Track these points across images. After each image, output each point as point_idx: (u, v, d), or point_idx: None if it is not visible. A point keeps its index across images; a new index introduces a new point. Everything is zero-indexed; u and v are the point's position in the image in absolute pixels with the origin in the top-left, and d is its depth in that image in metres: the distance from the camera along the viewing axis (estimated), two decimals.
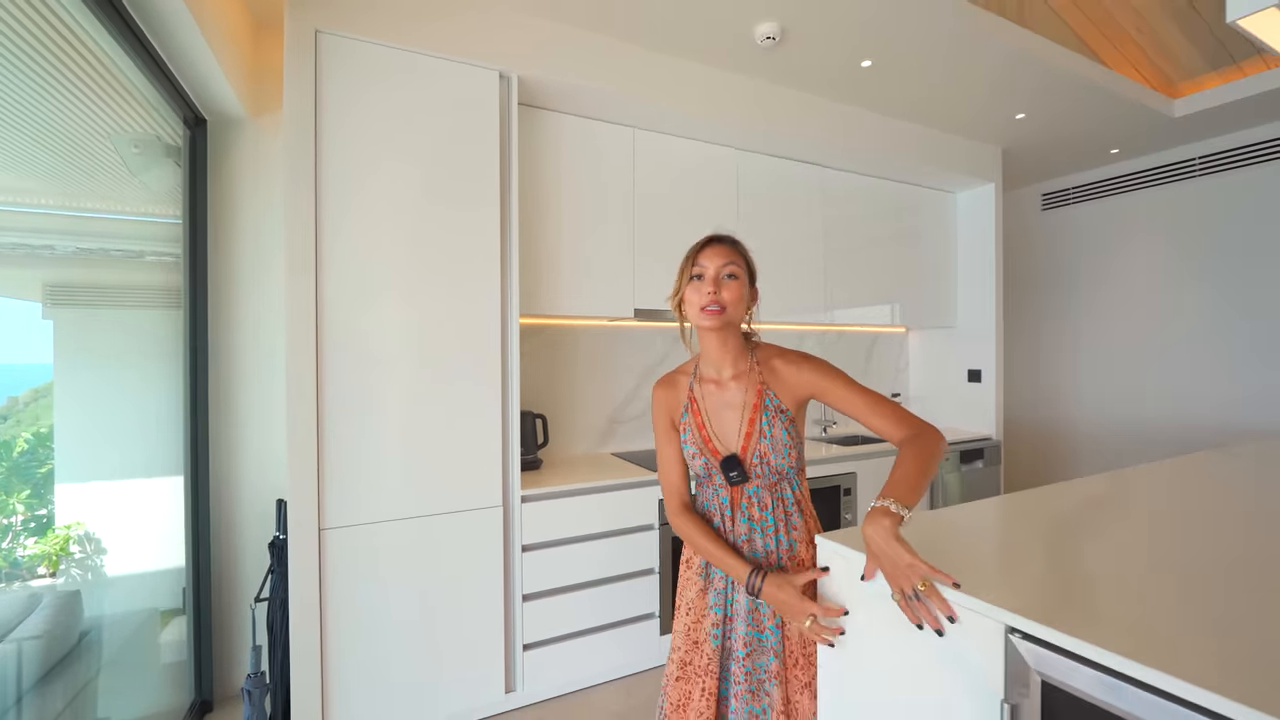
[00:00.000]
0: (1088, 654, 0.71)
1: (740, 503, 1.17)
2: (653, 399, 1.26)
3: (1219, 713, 0.61)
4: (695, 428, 1.19)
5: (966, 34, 2.29)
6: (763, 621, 1.16)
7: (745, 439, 1.16)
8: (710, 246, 1.16)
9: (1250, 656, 0.68)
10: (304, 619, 1.77)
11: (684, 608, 1.23)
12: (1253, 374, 3.41)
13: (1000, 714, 0.78)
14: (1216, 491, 1.53)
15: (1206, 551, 1.06)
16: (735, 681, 1.15)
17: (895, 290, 3.36)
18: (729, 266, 1.14)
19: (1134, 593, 0.87)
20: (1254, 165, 3.39)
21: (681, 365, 1.29)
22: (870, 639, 1.00)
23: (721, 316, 1.12)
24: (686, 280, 1.15)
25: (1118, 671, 0.69)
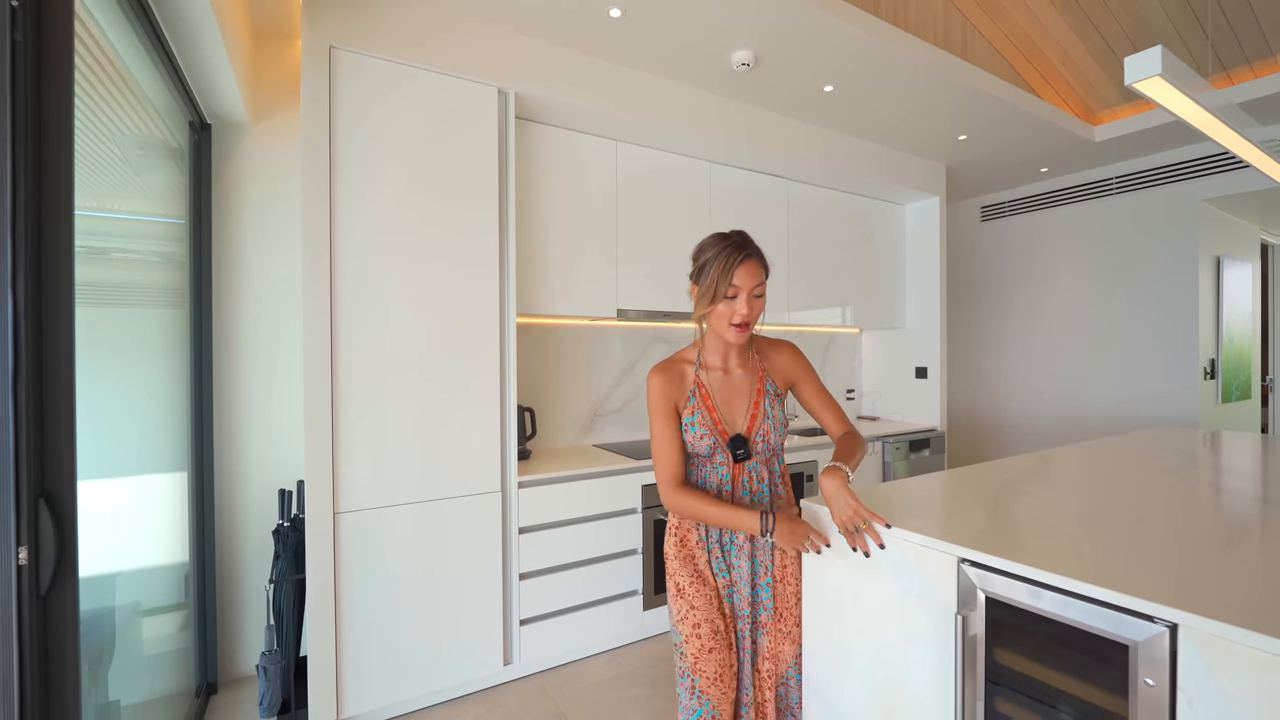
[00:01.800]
0: (1018, 571, 0.95)
1: (741, 477, 1.29)
2: (652, 384, 1.29)
3: (1099, 599, 0.85)
4: (705, 411, 1.27)
5: (916, 67, 2.58)
6: (756, 578, 1.29)
7: (751, 420, 1.29)
8: (745, 265, 1.20)
9: (1123, 566, 0.93)
10: (320, 596, 1.88)
11: (692, 581, 1.27)
12: (1156, 373, 3.89)
13: (954, 625, 1.01)
14: (1116, 465, 1.84)
15: (1102, 504, 1.34)
16: (742, 648, 1.28)
17: (850, 293, 3.66)
18: (759, 287, 1.22)
19: (1050, 532, 1.12)
20: (1161, 186, 3.86)
21: (680, 353, 1.36)
22: (850, 578, 1.23)
23: (749, 331, 1.24)
24: (721, 297, 1.20)
25: (1038, 581, 0.93)
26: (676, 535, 1.31)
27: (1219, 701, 0.74)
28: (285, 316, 2.36)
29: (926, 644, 1.07)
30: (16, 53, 0.89)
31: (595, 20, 2.19)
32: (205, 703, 2.15)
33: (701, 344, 1.33)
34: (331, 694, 1.90)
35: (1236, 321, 4.11)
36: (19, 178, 0.89)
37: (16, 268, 0.89)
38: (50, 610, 0.95)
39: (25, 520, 0.90)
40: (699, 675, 1.23)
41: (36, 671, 0.92)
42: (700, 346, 1.33)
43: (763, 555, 1.31)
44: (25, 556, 0.90)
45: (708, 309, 1.22)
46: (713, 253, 1.22)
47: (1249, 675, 0.72)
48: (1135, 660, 0.80)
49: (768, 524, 1.19)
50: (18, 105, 0.89)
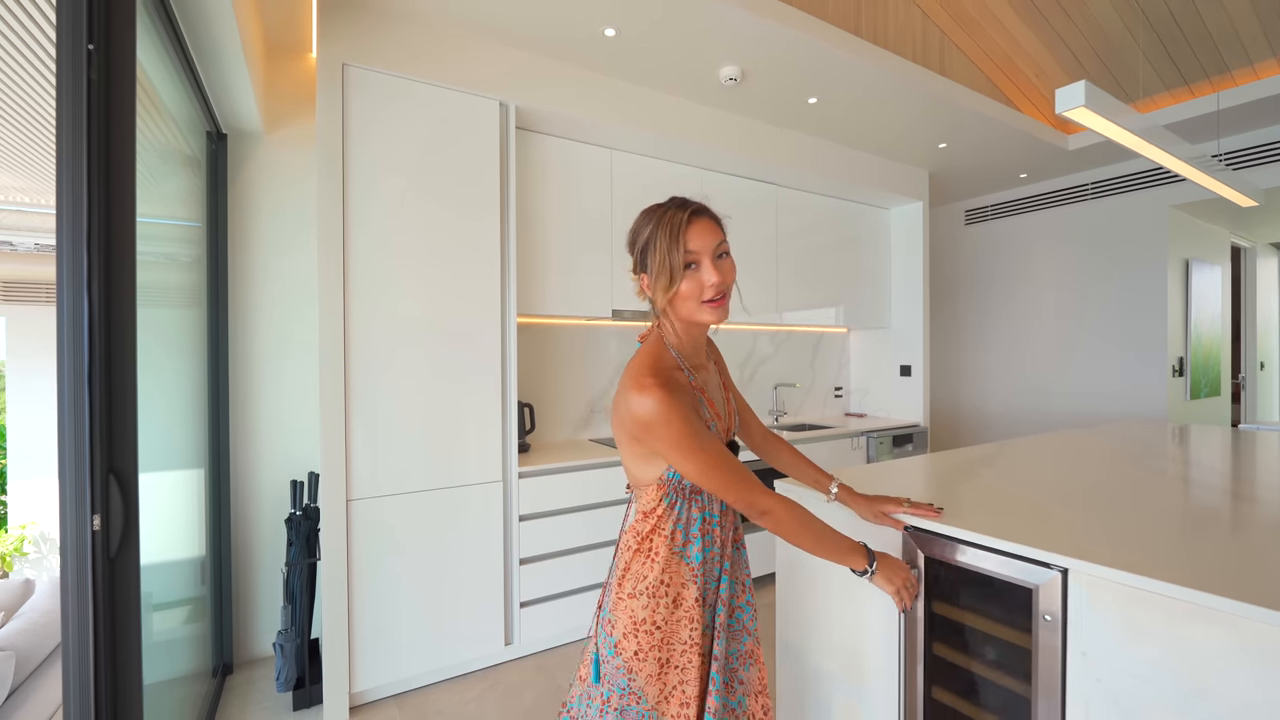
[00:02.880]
0: (949, 532, 1.11)
1: None
2: (670, 401, 0.93)
3: (1010, 551, 1.00)
4: (715, 419, 1.05)
5: (893, 82, 2.74)
6: (734, 602, 1.08)
7: (729, 419, 1.13)
8: (696, 222, 0.97)
9: (1035, 527, 1.09)
10: (334, 579, 2.02)
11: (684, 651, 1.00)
12: (1127, 370, 4.06)
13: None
14: (1060, 451, 2.00)
15: (1036, 482, 1.50)
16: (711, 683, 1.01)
17: (837, 294, 3.82)
18: (722, 244, 0.98)
19: (985, 504, 1.28)
20: (1133, 192, 4.04)
21: (654, 360, 1.02)
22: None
23: (726, 305, 0.99)
24: (681, 271, 0.96)
25: (963, 539, 1.09)
26: (669, 595, 1.00)
27: (1096, 628, 0.90)
28: (296, 315, 2.50)
29: (878, 601, 1.23)
30: (91, 91, 1.03)
31: (591, 38, 2.34)
32: (222, 682, 2.29)
33: (670, 343, 1.06)
34: (344, 670, 2.04)
35: (1205, 321, 4.29)
36: (93, 197, 1.04)
37: (91, 274, 1.04)
38: (117, 570, 1.09)
39: (98, 493, 1.04)
40: None
41: (107, 620, 1.06)
42: (677, 346, 1.06)
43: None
44: (99, 523, 1.04)
45: (670, 293, 0.96)
46: (651, 225, 0.98)
47: (1118, 606, 0.88)
48: (1037, 600, 0.96)
49: (871, 560, 1.02)
50: (92, 134, 1.03)
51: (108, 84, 1.07)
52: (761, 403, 3.78)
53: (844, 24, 2.61)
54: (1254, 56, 3.03)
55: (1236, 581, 0.84)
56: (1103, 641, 0.90)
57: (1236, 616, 0.78)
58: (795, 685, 1.45)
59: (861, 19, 2.70)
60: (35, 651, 2.02)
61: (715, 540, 1.05)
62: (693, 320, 1.01)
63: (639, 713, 0.98)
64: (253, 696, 2.19)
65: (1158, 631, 0.85)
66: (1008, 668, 1.06)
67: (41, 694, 1.96)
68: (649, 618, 0.99)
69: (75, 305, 1.03)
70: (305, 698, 2.11)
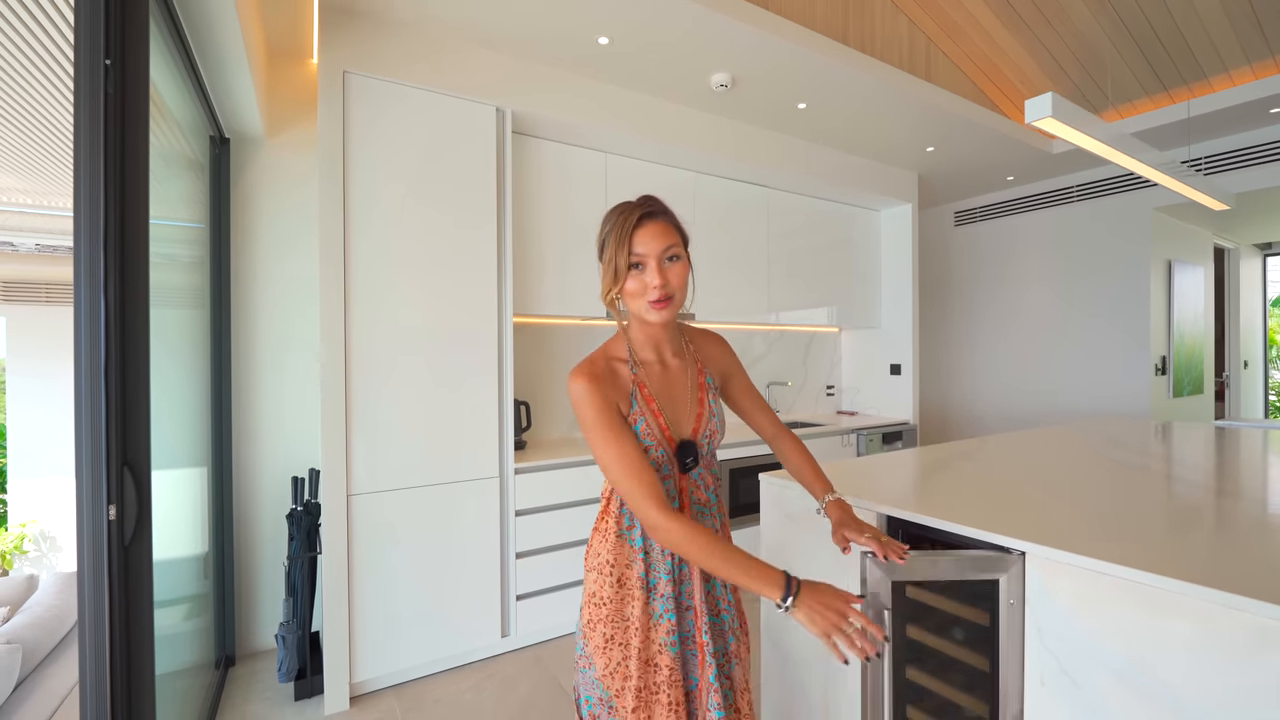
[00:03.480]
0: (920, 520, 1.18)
1: (688, 489, 1.09)
2: (588, 392, 0.99)
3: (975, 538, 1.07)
4: (649, 415, 1.05)
5: (881, 87, 2.81)
6: (718, 604, 1.10)
7: (697, 420, 1.10)
8: (646, 226, 0.99)
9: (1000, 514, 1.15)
10: (335, 572, 2.08)
11: (625, 629, 1.04)
12: (1111, 369, 4.15)
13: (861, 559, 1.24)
14: (1040, 447, 2.08)
15: (1008, 474, 1.57)
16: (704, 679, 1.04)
17: (829, 295, 3.90)
18: (671, 248, 1.00)
19: (957, 493, 1.35)
20: (1117, 194, 4.12)
21: (607, 348, 1.10)
22: (798, 536, 1.44)
23: (671, 307, 1.00)
24: (625, 271, 0.99)
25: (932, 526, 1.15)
26: (613, 574, 1.05)
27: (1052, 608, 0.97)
28: (296, 316, 2.55)
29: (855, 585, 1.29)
30: (109, 103, 1.09)
31: (585, 46, 2.40)
32: (224, 674, 2.34)
33: (628, 336, 1.11)
34: (345, 661, 2.09)
35: (1188, 321, 4.38)
36: (110, 203, 1.09)
37: (108, 275, 1.09)
38: (131, 558, 1.15)
39: (114, 484, 1.10)
40: None
41: (121, 605, 1.12)
42: (627, 340, 1.10)
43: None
44: (114, 513, 1.10)
45: (615, 290, 1.01)
46: (608, 223, 1.03)
47: (1068, 585, 0.95)
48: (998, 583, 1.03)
49: (792, 590, 0.87)
50: (109, 144, 1.09)
51: (123, 96, 1.13)
52: None
53: (832, 32, 2.69)
54: (1229, 64, 3.12)
55: (1173, 561, 0.91)
56: (1055, 618, 0.97)
57: (1169, 592, 0.85)
58: (777, 670, 1.51)
59: (849, 27, 2.78)
60: (41, 644, 2.07)
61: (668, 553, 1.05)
62: (639, 318, 1.05)
63: (590, 680, 1.05)
64: (255, 687, 2.25)
65: (1102, 608, 0.92)
66: (973, 646, 1.12)
67: (48, 685, 2.01)
68: (598, 592, 1.06)
69: (93, 305, 1.09)
70: (306, 688, 2.17)
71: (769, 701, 1.55)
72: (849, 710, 1.32)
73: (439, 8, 2.14)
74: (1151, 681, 0.87)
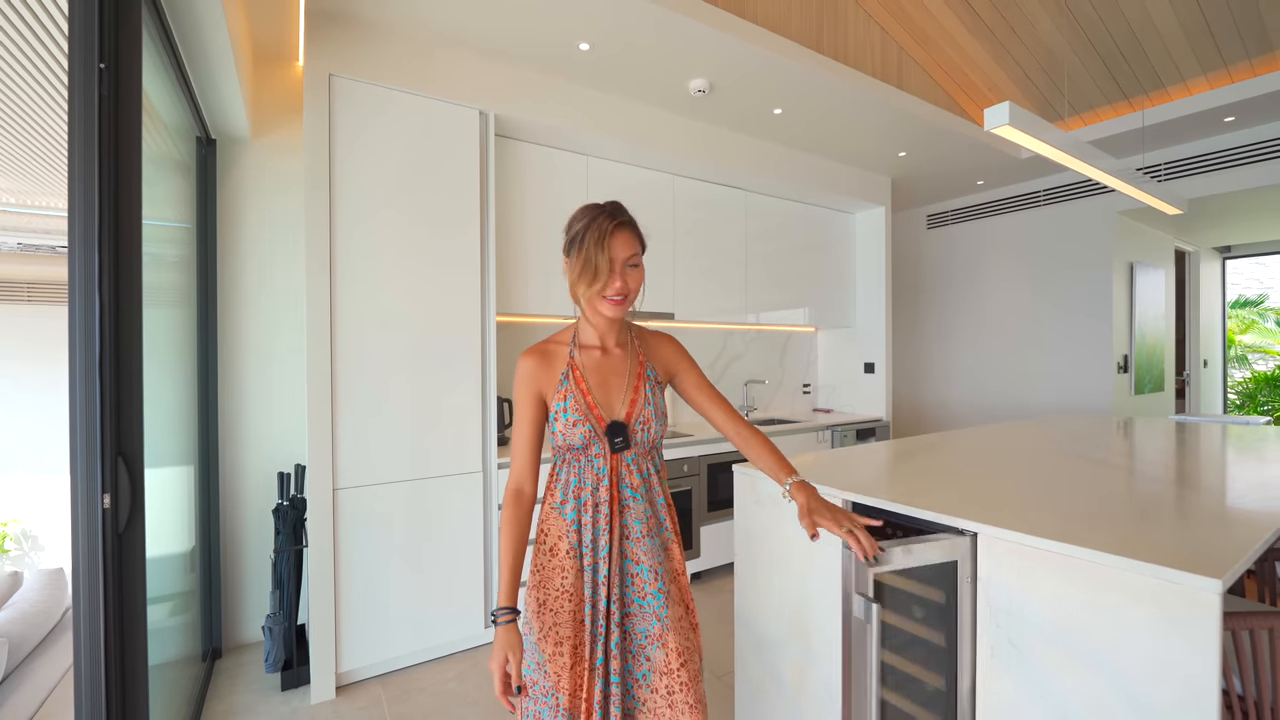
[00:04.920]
0: (882, 505, 1.26)
1: (620, 470, 1.17)
2: (519, 368, 1.17)
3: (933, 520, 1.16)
4: (578, 394, 1.16)
5: (854, 94, 2.92)
6: (645, 587, 1.15)
7: (630, 405, 1.17)
8: (619, 234, 1.13)
9: (955, 499, 1.24)
10: (321, 564, 2.12)
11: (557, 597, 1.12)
12: (1076, 367, 4.31)
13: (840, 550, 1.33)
14: (1000, 440, 2.19)
15: (967, 464, 1.67)
16: (610, 656, 1.12)
17: (805, 295, 4.00)
18: (633, 257, 1.15)
19: (918, 481, 1.44)
20: (1082, 199, 4.28)
21: (554, 335, 1.26)
22: (771, 525, 1.53)
23: (625, 306, 1.15)
24: (602, 272, 1.12)
25: (894, 511, 1.24)
26: (546, 544, 1.16)
27: (1001, 584, 1.06)
28: (282, 315, 2.58)
29: (823, 570, 1.38)
30: (103, 106, 1.13)
31: (567, 52, 2.46)
32: (211, 666, 2.36)
33: (576, 325, 1.25)
34: (331, 651, 2.14)
35: (1149, 321, 4.56)
36: (104, 203, 1.14)
37: (102, 272, 1.14)
38: (125, 546, 1.19)
39: (108, 474, 1.15)
40: (563, 693, 1.10)
41: (116, 592, 1.16)
42: (575, 328, 1.25)
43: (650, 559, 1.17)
44: (109, 502, 1.14)
45: (592, 288, 1.13)
46: (584, 223, 1.15)
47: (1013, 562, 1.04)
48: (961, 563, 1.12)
49: (496, 617, 1.08)
50: (103, 147, 1.13)
51: (116, 99, 1.17)
52: (732, 399, 3.94)
53: (807, 40, 2.78)
54: (1185, 74, 3.28)
55: (1106, 538, 1.00)
56: (1004, 592, 1.06)
57: (1101, 565, 0.94)
58: (749, 652, 1.59)
59: (823, 35, 2.87)
60: (27, 639, 2.08)
61: (588, 506, 1.14)
62: (594, 308, 1.18)
63: (530, 643, 1.14)
64: (242, 678, 2.28)
65: (1042, 581, 1.01)
66: (933, 623, 1.21)
67: (33, 680, 2.03)
68: (535, 560, 1.17)
69: (87, 300, 1.13)
70: (293, 678, 2.21)
71: (742, 681, 1.63)
72: (820, 688, 1.41)
73: (424, 13, 2.19)
74: (1087, 649, 0.96)
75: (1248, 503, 1.26)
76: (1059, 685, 0.98)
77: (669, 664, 1.14)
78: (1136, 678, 0.90)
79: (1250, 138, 3.59)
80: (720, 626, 2.65)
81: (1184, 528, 1.08)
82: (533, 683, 1.13)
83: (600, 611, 1.13)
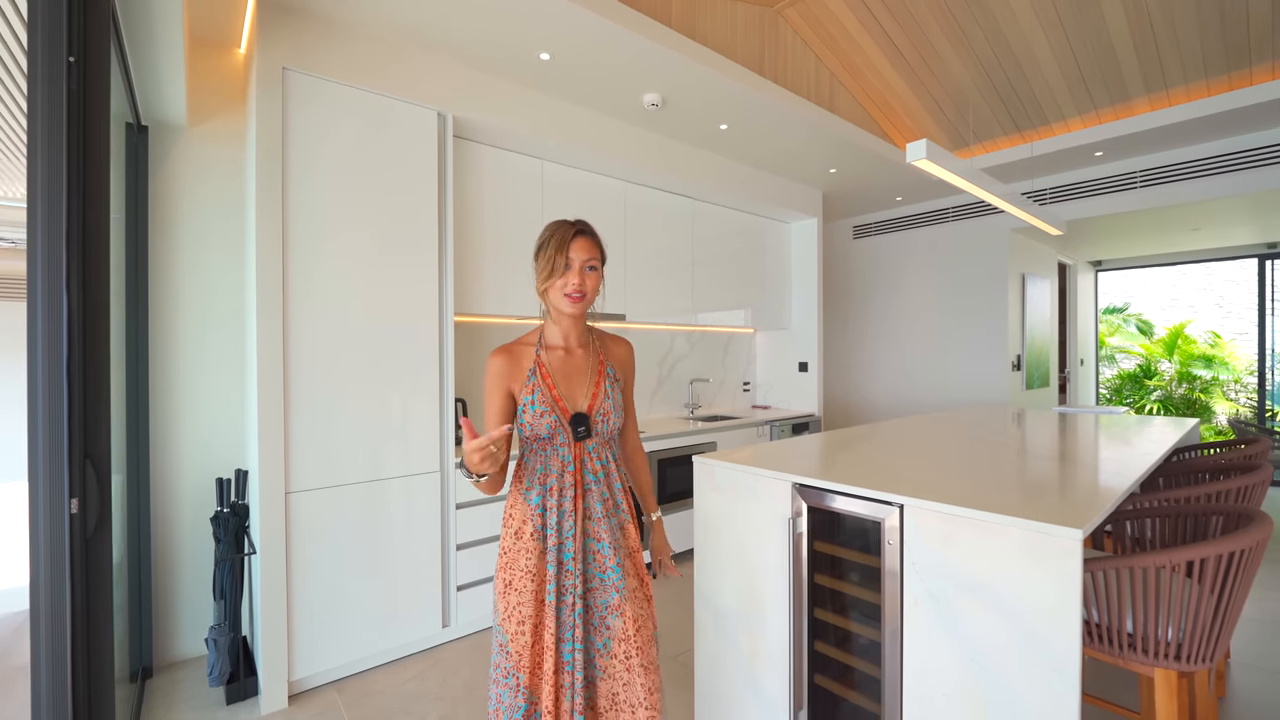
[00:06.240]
0: (822, 485, 1.44)
1: (583, 457, 1.29)
2: (490, 366, 1.29)
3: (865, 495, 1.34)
4: (544, 389, 1.28)
5: (791, 114, 3.16)
6: (605, 562, 1.28)
7: (592, 398, 1.31)
8: (578, 240, 1.28)
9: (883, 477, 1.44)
10: (272, 571, 2.06)
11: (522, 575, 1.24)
12: (978, 365, 4.83)
13: (787, 527, 1.49)
14: (920, 429, 2.47)
15: (894, 448, 1.90)
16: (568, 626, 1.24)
17: (745, 298, 4.24)
18: (591, 260, 1.29)
19: (852, 464, 1.63)
20: (982, 217, 4.80)
21: (521, 337, 1.36)
22: (727, 506, 1.67)
23: (583, 303, 1.28)
24: (558, 270, 1.27)
25: (833, 489, 1.42)
26: (512, 527, 1.28)
27: (922, 546, 1.25)
28: (218, 312, 2.47)
29: (773, 545, 1.54)
30: (71, 100, 1.10)
31: (527, 60, 2.52)
32: (142, 686, 2.23)
33: (541, 328, 1.37)
34: (283, 659, 2.08)
35: (1038, 325, 5.18)
36: (72, 202, 1.11)
37: (70, 270, 1.11)
38: (92, 551, 1.16)
39: (76, 477, 1.11)
40: (523, 672, 1.22)
41: (84, 597, 1.13)
42: (541, 330, 1.37)
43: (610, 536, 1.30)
44: (76, 506, 1.11)
45: (547, 283, 1.28)
46: (550, 231, 1.30)
47: (935, 527, 1.23)
48: (883, 531, 1.30)
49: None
50: (72, 145, 1.10)
51: (85, 95, 1.14)
52: (678, 397, 4.11)
53: (750, 63, 2.98)
54: (1065, 113, 3.78)
55: (1003, 501, 1.22)
56: (924, 553, 1.25)
57: (997, 524, 1.15)
58: (709, 624, 1.74)
59: (765, 60, 3.09)
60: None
61: (553, 491, 1.27)
62: (556, 309, 1.32)
63: (495, 624, 1.28)
64: (179, 696, 2.17)
65: (956, 542, 1.21)
66: (866, 584, 1.40)
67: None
68: (502, 543, 1.30)
69: (52, 299, 1.10)
70: (239, 691, 2.13)
71: (702, 654, 1.77)
72: (769, 653, 1.57)
73: (383, 12, 2.18)
74: (991, 593, 1.16)
75: (1106, 475, 1.54)
76: (968, 624, 1.19)
77: (626, 630, 1.26)
78: (1025, 612, 1.11)
79: (1116, 170, 4.18)
80: (675, 610, 2.79)
81: (1061, 494, 1.32)
82: (495, 665, 1.27)
83: (566, 587, 1.26)
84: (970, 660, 1.18)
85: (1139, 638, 1.23)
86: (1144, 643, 1.23)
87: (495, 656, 1.27)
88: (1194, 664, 1.21)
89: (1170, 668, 1.22)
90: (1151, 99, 3.51)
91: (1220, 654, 1.23)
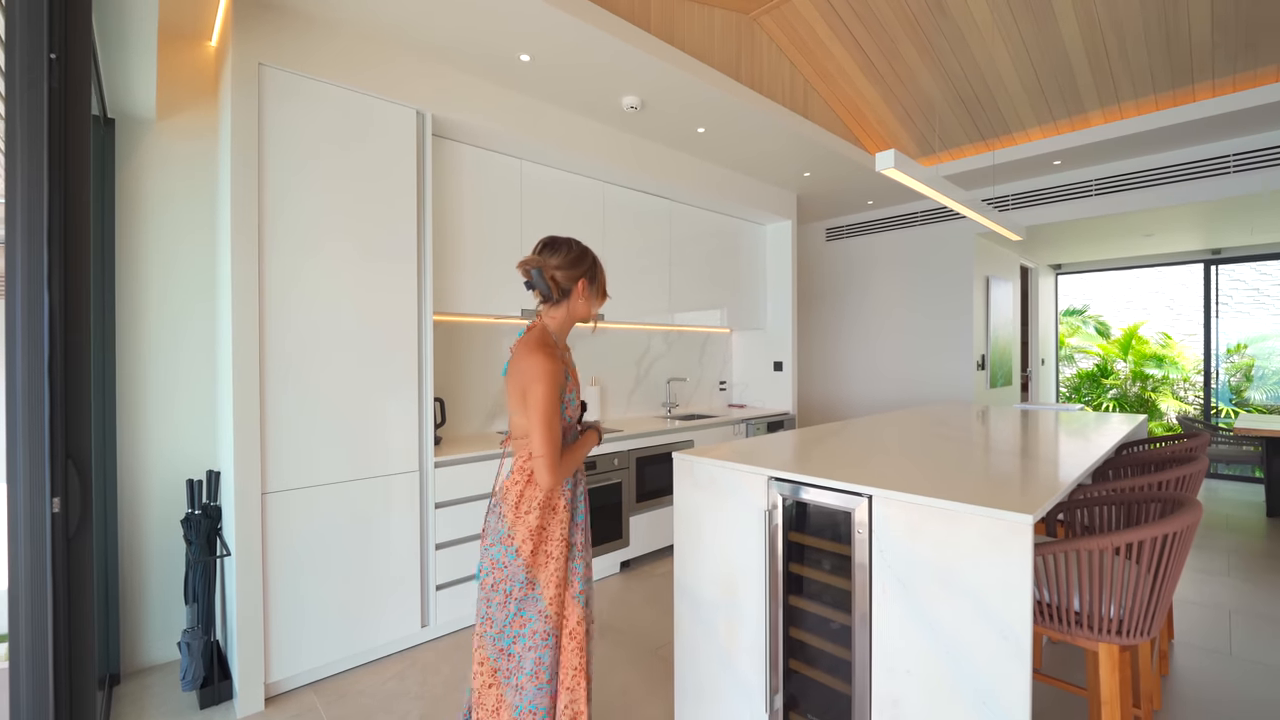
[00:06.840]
0: (797, 478, 1.50)
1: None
2: (550, 367, 1.39)
3: (836, 487, 1.41)
4: (575, 386, 1.55)
5: (766, 119, 3.24)
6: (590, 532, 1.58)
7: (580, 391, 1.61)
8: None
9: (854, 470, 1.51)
10: (248, 573, 2.04)
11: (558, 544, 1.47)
12: (944, 364, 5.01)
13: (764, 519, 1.55)
14: (888, 425, 2.57)
15: (866, 443, 1.98)
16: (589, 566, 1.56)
17: (721, 299, 4.32)
18: None
19: (826, 458, 1.70)
20: (949, 221, 4.97)
21: (541, 339, 1.47)
22: (705, 500, 1.73)
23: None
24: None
25: (807, 482, 1.48)
26: (550, 506, 1.47)
27: (889, 534, 1.33)
28: (187, 310, 2.43)
29: (750, 537, 1.60)
30: (52, 98, 1.09)
31: (507, 61, 2.54)
32: (110, 694, 2.18)
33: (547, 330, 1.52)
34: (260, 662, 2.07)
35: (1001, 326, 5.39)
36: (54, 198, 1.10)
37: (51, 268, 1.10)
38: (74, 550, 1.15)
39: (58, 476, 1.11)
40: (552, 609, 1.44)
41: (66, 597, 1.12)
42: (550, 332, 1.53)
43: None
44: (58, 506, 1.11)
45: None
46: (593, 258, 1.55)
47: (902, 516, 1.31)
48: (853, 521, 1.37)
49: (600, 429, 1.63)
50: (53, 144, 1.10)
51: (66, 92, 1.13)
52: (655, 396, 4.17)
53: (727, 69, 3.05)
54: (1026, 124, 3.95)
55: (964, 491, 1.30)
56: (891, 540, 1.33)
57: (958, 512, 1.23)
58: (688, 615, 1.79)
59: (741, 66, 3.16)
60: None
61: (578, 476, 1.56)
62: (582, 319, 1.59)
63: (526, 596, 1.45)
64: (150, 703, 2.13)
65: (921, 529, 1.28)
66: (838, 572, 1.47)
67: None
68: (538, 524, 1.46)
69: (32, 297, 1.09)
70: (212, 695, 2.10)
71: (681, 645, 1.82)
72: (746, 641, 1.63)
73: (362, 10, 2.18)
74: (954, 577, 1.24)
75: (1060, 467, 1.64)
76: (933, 606, 1.26)
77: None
78: (983, 592, 1.19)
79: (1073, 178, 4.38)
80: (651, 608, 2.84)
81: (1020, 483, 1.41)
82: (533, 633, 1.44)
83: (583, 544, 1.55)
84: (933, 638, 1.26)
85: (1085, 615, 1.33)
86: (1089, 619, 1.32)
87: (533, 624, 1.44)
88: (1134, 638, 1.31)
89: (1113, 642, 1.32)
90: (1105, 112, 3.70)
91: (1157, 628, 1.33)
